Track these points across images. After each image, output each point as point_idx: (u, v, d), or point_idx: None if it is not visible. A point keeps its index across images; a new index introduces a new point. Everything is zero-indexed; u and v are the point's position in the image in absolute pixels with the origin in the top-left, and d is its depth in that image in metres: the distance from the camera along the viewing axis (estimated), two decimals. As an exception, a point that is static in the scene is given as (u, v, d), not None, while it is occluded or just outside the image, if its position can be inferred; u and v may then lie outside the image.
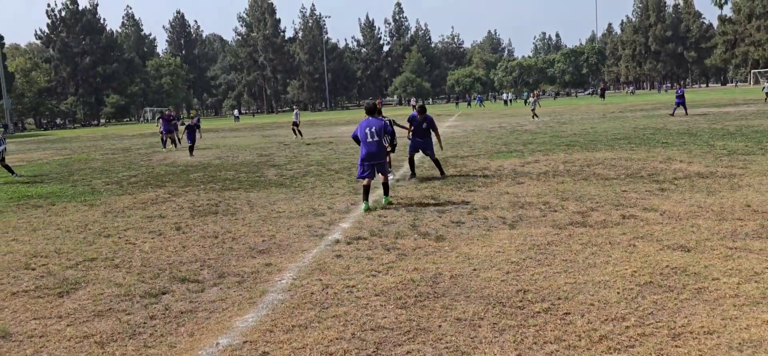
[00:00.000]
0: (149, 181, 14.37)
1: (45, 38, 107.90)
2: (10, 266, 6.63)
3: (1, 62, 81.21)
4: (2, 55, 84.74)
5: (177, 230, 8.23)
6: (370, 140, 9.19)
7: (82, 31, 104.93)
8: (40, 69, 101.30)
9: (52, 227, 8.94)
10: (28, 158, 26.14)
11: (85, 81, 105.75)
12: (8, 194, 13.30)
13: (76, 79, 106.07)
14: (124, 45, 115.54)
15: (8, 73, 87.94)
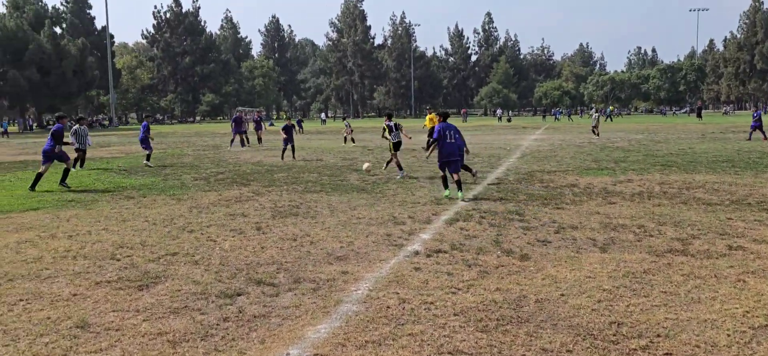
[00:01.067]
0: (235, 179, 14.69)
1: (150, 38, 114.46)
2: (97, 255, 6.83)
3: (110, 59, 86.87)
4: (111, 53, 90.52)
5: (257, 230, 8.25)
6: (450, 140, 10.95)
7: (184, 32, 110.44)
8: (144, 67, 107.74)
9: (141, 219, 9.22)
10: (126, 150, 27.60)
11: (184, 80, 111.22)
12: (105, 184, 13.97)
13: (176, 78, 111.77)
14: (222, 47, 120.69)
15: (116, 69, 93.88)
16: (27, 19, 77.49)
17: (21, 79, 71.37)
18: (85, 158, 18.72)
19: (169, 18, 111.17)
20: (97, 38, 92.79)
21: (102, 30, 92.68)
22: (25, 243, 7.46)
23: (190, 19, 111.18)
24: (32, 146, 33.30)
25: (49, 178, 14.33)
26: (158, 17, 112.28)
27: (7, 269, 6.21)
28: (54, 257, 6.70)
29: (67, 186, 13.16)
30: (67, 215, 9.61)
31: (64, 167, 13.63)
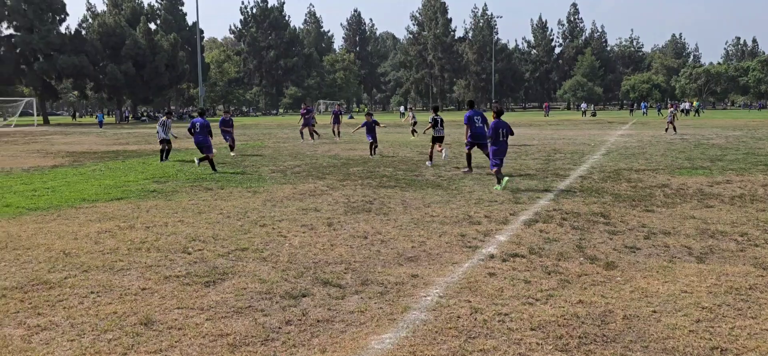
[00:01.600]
0: (311, 172, 14.71)
1: (237, 33, 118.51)
2: (170, 248, 6.88)
3: (200, 54, 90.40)
4: (201, 47, 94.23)
5: (328, 226, 8.10)
6: (501, 138, 11.38)
7: (269, 27, 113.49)
8: (231, 61, 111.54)
9: (216, 211, 9.30)
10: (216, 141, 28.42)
11: (269, 73, 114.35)
12: (186, 175, 14.33)
13: (261, 71, 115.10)
14: (305, 41, 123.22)
15: (205, 63, 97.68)
16: (124, 15, 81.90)
17: (118, 72, 75.54)
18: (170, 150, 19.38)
19: (256, 13, 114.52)
20: (188, 33, 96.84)
21: (193, 25, 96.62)
22: (105, 234, 7.64)
23: (275, 14, 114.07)
24: (125, 137, 35.06)
25: (136, 169, 14.86)
26: (245, 13, 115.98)
27: (84, 259, 6.34)
28: (129, 249, 6.79)
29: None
30: (148, 206, 9.85)
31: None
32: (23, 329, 4.34)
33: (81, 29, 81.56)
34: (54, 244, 7.03)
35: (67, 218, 8.81)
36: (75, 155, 21.31)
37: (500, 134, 11.30)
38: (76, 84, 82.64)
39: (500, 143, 11.34)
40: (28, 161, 18.98)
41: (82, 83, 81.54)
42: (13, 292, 5.20)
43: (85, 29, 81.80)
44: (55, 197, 10.77)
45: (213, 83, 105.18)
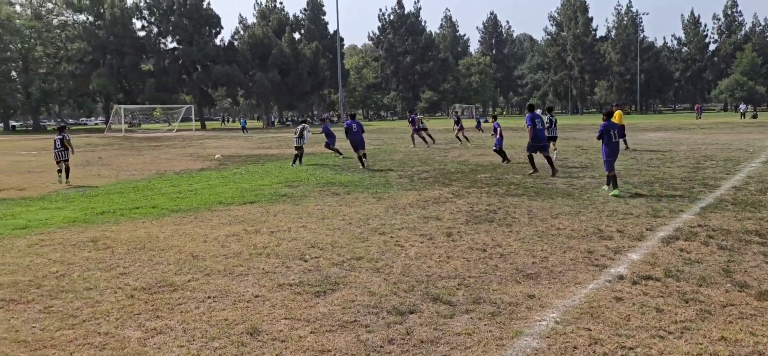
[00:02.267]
0: (438, 178, 14.54)
1: (375, 39, 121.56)
2: (288, 254, 7.01)
3: (340, 61, 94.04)
4: (341, 54, 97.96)
5: (447, 236, 7.86)
6: (614, 140, 11.44)
7: (406, 32, 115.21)
8: (369, 67, 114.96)
9: (339, 217, 9.41)
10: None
11: (405, 78, 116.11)
12: (317, 179, 14.76)
13: (398, 76, 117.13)
14: (441, 45, 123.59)
15: (344, 70, 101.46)
16: (271, 26, 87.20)
17: (265, 80, 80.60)
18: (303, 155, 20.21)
19: (393, 20, 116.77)
20: (329, 42, 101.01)
21: (334, 34, 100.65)
22: (232, 238, 7.98)
23: (412, 19, 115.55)
24: (269, 141, 37.15)
25: (272, 173, 15.54)
26: (383, 19, 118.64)
27: (209, 263, 6.64)
28: (250, 254, 7.02)
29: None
30: (276, 210, 10.21)
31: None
32: (141, 332, 4.57)
33: (233, 41, 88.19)
34: (185, 246, 7.46)
35: (202, 220, 9.36)
36: (221, 159, 22.85)
37: (612, 135, 11.44)
38: (228, 91, 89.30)
39: (612, 144, 11.44)
40: (181, 164, 20.64)
41: (233, 90, 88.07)
42: (141, 293, 5.53)
43: (237, 40, 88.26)
44: (195, 200, 11.53)
45: (352, 89, 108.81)
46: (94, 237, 8.06)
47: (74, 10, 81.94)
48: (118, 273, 6.23)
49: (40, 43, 79.83)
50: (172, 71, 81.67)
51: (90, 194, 13.06)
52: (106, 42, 78.71)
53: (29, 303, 5.32)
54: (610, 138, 11.44)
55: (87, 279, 6.03)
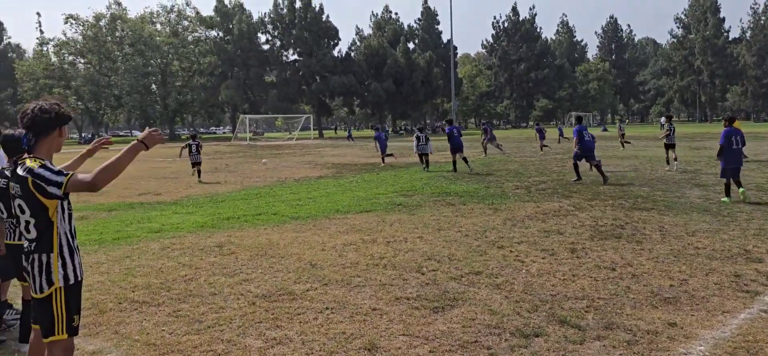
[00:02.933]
0: (557, 189, 13.91)
1: (489, 47, 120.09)
2: (405, 266, 6.90)
3: (453, 69, 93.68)
4: (455, 63, 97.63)
5: (571, 253, 7.41)
6: (734, 147, 11.17)
7: (520, 39, 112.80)
8: (482, 75, 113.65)
9: (455, 229, 9.19)
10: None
11: (519, 86, 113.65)
12: (432, 188, 14.62)
13: (512, 84, 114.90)
14: (556, 51, 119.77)
15: (458, 78, 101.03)
16: (387, 37, 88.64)
17: (380, 89, 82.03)
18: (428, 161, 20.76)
19: (507, 27, 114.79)
20: (443, 51, 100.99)
21: (447, 43, 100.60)
22: (349, 247, 8.01)
23: (527, 26, 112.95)
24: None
25: (387, 181, 15.55)
26: (497, 27, 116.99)
27: (327, 272, 6.67)
28: (368, 264, 6.98)
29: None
30: (392, 220, 10.17)
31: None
32: (261, 341, 4.62)
33: (350, 52, 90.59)
34: (304, 254, 7.57)
35: (320, 228, 9.50)
36: (338, 167, 23.38)
37: (733, 142, 11.23)
38: (345, 101, 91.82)
39: (733, 151, 11.24)
40: (300, 172, 21.32)
41: (350, 100, 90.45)
42: (262, 301, 5.63)
43: (353, 51, 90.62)
44: (314, 208, 11.78)
45: (465, 97, 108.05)
46: (220, 242, 8.40)
47: (206, 27, 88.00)
48: (241, 279, 6.41)
49: (176, 58, 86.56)
50: (292, 82, 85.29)
51: (217, 199, 13.75)
52: (234, 56, 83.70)
53: (160, 305, 5.57)
54: (730, 144, 11.24)
55: (212, 284, 6.25)
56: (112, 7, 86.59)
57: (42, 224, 3.13)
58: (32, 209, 3.12)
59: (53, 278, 3.17)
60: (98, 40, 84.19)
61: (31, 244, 3.19)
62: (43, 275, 3.15)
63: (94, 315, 5.29)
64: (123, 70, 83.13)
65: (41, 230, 3.13)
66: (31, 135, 3.15)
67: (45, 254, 3.15)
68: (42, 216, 3.12)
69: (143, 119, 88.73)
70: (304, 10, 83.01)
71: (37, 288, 3.18)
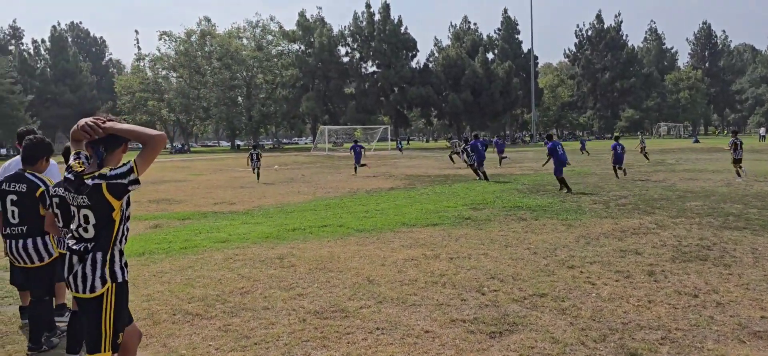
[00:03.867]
0: (638, 205, 13.09)
1: (571, 57, 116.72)
2: (465, 284, 6.57)
3: (534, 79, 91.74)
4: (535, 73, 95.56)
5: (648, 276, 6.84)
6: None
7: (605, 48, 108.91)
8: (564, 85, 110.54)
9: (523, 246, 8.76)
10: (538, 167, 28.07)
11: (603, 96, 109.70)
12: (504, 202, 14.13)
13: (595, 94, 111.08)
14: (644, 60, 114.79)
15: (538, 89, 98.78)
16: (465, 48, 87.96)
17: (458, 100, 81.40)
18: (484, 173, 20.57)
19: (591, 35, 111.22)
20: (523, 60, 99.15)
21: (528, 53, 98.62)
22: (410, 262, 7.76)
23: (612, 34, 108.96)
24: (459, 161, 37.06)
25: (458, 194, 15.18)
26: (580, 35, 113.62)
27: (383, 289, 6.45)
28: (426, 282, 6.71)
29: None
30: (458, 234, 9.84)
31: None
32: (305, 361, 4.46)
33: (428, 63, 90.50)
34: (363, 269, 7.39)
35: (383, 242, 9.31)
36: (411, 178, 23.19)
37: None
38: (422, 112, 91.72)
39: None
40: (373, 183, 21.29)
41: (427, 111, 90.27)
42: (313, 317, 5.49)
43: (431, 62, 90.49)
44: (380, 220, 11.61)
45: (545, 108, 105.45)
46: (282, 254, 8.37)
47: (289, 41, 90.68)
48: (295, 294, 6.30)
49: (260, 71, 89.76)
50: (371, 94, 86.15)
51: (287, 210, 13.88)
52: (315, 68, 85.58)
53: (212, 318, 5.54)
54: None
55: (267, 298, 6.18)
56: (202, 23, 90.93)
57: (103, 224, 3.27)
58: (99, 214, 3.27)
59: (107, 275, 3.31)
60: (189, 55, 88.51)
61: (88, 244, 3.31)
62: (98, 272, 3.28)
63: (148, 326, 5.32)
64: (211, 83, 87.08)
65: (100, 230, 3.27)
66: (103, 149, 3.31)
67: (100, 252, 3.29)
68: (106, 217, 3.27)
69: (229, 130, 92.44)
70: (383, 22, 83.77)
71: (88, 287, 3.27)
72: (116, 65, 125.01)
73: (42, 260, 4.94)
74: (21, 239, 4.88)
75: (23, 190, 4.89)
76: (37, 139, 5.01)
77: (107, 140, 3.30)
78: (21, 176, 4.95)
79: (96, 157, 3.31)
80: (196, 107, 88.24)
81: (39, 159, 4.99)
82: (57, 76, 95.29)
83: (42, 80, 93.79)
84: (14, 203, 4.91)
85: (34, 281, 4.97)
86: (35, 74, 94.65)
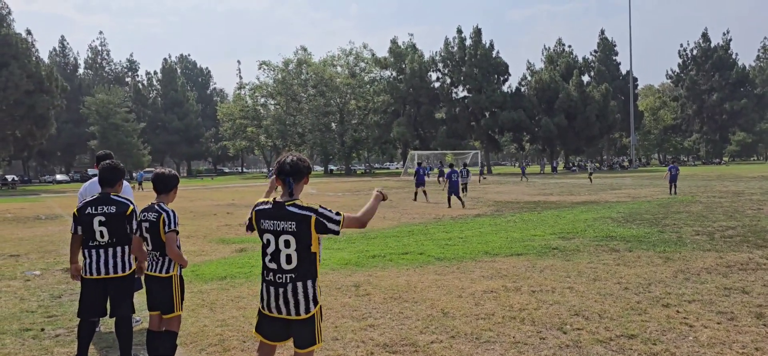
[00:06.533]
0: (748, 237, 11.99)
1: (675, 77, 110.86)
2: (546, 321, 6.17)
3: (632, 102, 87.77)
4: (634, 95, 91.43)
5: (757, 318, 6.15)
6: None
7: (712, 68, 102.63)
8: (667, 107, 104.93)
9: (614, 280, 8.18)
10: (635, 194, 26.61)
11: (710, 118, 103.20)
12: (596, 231, 13.40)
13: (702, 117, 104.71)
14: (757, 80, 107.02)
15: (638, 112, 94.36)
16: (559, 71, 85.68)
17: (551, 124, 79.16)
18: None
19: (696, 55, 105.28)
20: (622, 82, 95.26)
21: (626, 74, 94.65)
22: (489, 294, 7.43)
23: (720, 53, 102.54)
24: (551, 187, 35.89)
25: (547, 222, 14.55)
26: (684, 55, 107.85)
27: (458, 322, 6.19)
28: (504, 317, 6.37)
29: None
30: (543, 265, 9.36)
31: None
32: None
33: (520, 87, 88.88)
34: (439, 300, 7.15)
35: (464, 271, 9.02)
36: (499, 205, 22.62)
37: None
38: (514, 137, 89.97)
39: None
40: (459, 210, 20.92)
41: (519, 136, 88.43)
42: (381, 350, 5.32)
43: (523, 86, 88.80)
44: (462, 248, 11.30)
45: (646, 131, 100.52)
46: (358, 282, 8.28)
47: (381, 67, 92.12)
48: (366, 325, 6.16)
49: (353, 97, 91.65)
50: (461, 118, 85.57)
51: (370, 236, 13.83)
52: (406, 94, 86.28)
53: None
54: None
55: (337, 328, 6.07)
56: (298, 52, 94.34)
57: (305, 254, 3.65)
58: (302, 244, 3.62)
59: (318, 298, 3.77)
60: (286, 83, 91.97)
61: (290, 274, 3.66)
62: (311, 297, 3.71)
63: (217, 352, 5.36)
64: (306, 109, 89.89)
65: (302, 260, 3.64)
66: (293, 180, 3.70)
67: (310, 280, 3.70)
68: (307, 248, 3.65)
69: (323, 155, 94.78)
70: (474, 47, 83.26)
71: (301, 310, 3.68)
72: (219, 94, 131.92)
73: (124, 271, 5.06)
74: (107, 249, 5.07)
75: (112, 211, 5.04)
76: (114, 163, 5.25)
77: (296, 172, 3.71)
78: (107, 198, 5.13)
79: (287, 185, 3.70)
80: (292, 133, 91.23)
81: (117, 182, 5.22)
82: (166, 105, 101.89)
83: (153, 109, 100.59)
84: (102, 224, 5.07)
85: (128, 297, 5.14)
86: (148, 103, 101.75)
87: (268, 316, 3.76)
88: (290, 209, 3.61)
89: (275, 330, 3.78)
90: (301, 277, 3.65)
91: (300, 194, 3.79)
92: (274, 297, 3.68)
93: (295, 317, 3.67)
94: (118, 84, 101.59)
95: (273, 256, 3.68)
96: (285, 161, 3.74)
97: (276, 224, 3.64)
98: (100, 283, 5.05)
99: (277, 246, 3.64)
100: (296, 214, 3.60)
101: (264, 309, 3.77)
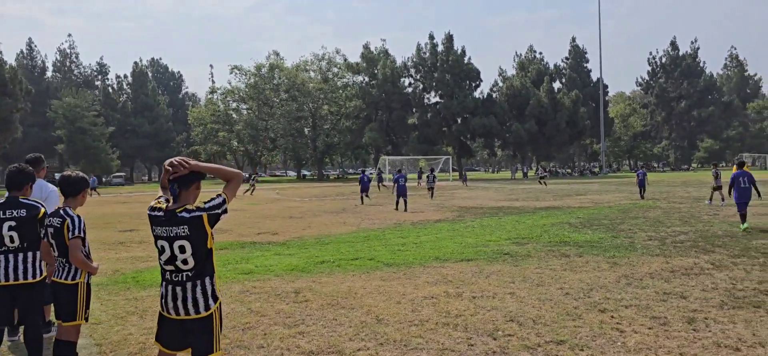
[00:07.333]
0: (697, 242, 12.13)
1: (644, 85, 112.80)
2: (479, 327, 6.11)
3: (602, 109, 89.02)
4: (604, 102, 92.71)
5: (688, 324, 6.17)
6: (742, 186, 14.28)
7: (680, 75, 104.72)
8: (637, 114, 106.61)
9: (556, 285, 8.17)
10: (598, 199, 26.88)
11: (679, 125, 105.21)
12: (551, 236, 13.44)
13: (670, 123, 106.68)
14: (724, 87, 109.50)
15: (608, 118, 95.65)
16: (530, 77, 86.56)
17: (522, 130, 79.89)
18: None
19: (665, 63, 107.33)
20: (592, 89, 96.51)
21: (597, 81, 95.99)
22: (429, 300, 7.35)
23: (688, 61, 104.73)
24: (519, 192, 36.11)
25: (505, 227, 14.58)
26: (653, 63, 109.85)
27: (389, 329, 6.08)
28: (438, 323, 6.30)
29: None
30: (490, 271, 9.33)
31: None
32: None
33: (492, 93, 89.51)
34: (376, 307, 7.05)
35: (409, 277, 8.94)
36: (462, 210, 22.63)
37: (741, 181, 14.38)
38: (486, 142, 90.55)
39: (741, 189, 14.38)
40: (423, 215, 20.87)
41: (491, 141, 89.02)
42: (303, 359, 5.19)
43: (495, 92, 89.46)
44: (413, 254, 11.23)
45: (616, 138, 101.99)
46: (299, 288, 8.14)
47: (353, 72, 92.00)
48: (297, 332, 6.03)
49: (325, 102, 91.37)
50: (433, 124, 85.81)
51: (324, 241, 13.70)
52: (378, 99, 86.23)
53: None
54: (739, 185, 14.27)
55: (267, 335, 5.93)
56: (271, 57, 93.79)
57: (202, 253, 3.59)
58: (197, 243, 3.56)
59: (218, 294, 3.73)
60: (258, 87, 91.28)
61: (188, 273, 3.60)
62: (210, 293, 3.66)
63: (134, 363, 5.17)
64: (278, 114, 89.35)
65: (202, 259, 3.60)
66: (177, 186, 3.61)
67: (208, 277, 3.65)
68: (203, 247, 3.59)
69: (296, 160, 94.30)
70: (446, 53, 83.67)
71: (201, 307, 3.62)
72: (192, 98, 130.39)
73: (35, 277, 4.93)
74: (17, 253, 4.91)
75: (23, 215, 4.90)
76: (22, 166, 5.09)
77: (183, 178, 3.62)
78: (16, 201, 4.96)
79: (171, 193, 3.62)
80: (264, 137, 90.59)
81: (25, 185, 5.07)
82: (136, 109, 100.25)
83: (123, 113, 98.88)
84: (12, 229, 4.90)
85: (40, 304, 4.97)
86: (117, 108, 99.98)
87: (168, 319, 3.69)
88: (181, 215, 3.57)
89: (174, 335, 3.71)
90: (199, 275, 3.63)
91: (193, 201, 3.71)
92: (172, 296, 3.64)
93: (194, 316, 3.61)
94: (87, 88, 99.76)
95: (168, 260, 3.63)
96: (172, 164, 3.68)
97: (169, 230, 3.58)
98: (7, 290, 4.86)
99: (173, 252, 3.59)
100: (187, 218, 3.56)
101: (163, 311, 3.70)
